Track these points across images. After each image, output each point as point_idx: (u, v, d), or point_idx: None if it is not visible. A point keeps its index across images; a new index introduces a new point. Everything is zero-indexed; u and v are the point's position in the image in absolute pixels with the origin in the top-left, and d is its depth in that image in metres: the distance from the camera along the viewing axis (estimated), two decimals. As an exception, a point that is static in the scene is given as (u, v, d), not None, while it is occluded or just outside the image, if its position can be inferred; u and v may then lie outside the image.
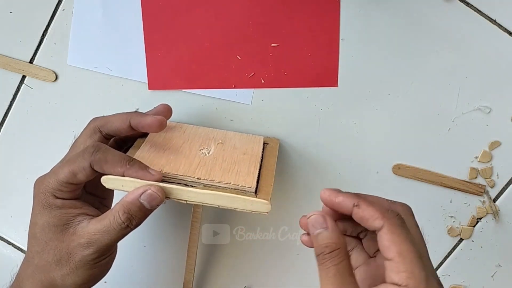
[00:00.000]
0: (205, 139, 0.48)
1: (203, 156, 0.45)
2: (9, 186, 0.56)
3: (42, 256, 0.41)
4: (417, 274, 0.32)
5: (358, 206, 0.35)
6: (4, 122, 0.55)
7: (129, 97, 0.53)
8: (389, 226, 0.34)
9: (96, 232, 0.40)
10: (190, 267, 0.53)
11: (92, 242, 0.40)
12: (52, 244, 0.40)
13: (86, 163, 0.40)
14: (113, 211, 0.40)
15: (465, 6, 0.49)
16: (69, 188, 0.41)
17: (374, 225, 0.34)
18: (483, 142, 0.52)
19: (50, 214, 0.41)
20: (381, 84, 0.51)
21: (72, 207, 0.41)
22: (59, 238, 0.40)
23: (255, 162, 0.45)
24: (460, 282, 0.57)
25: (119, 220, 0.40)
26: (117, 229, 0.40)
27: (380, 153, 0.53)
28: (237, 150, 0.47)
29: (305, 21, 0.49)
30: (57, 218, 0.41)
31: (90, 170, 0.40)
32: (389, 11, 0.49)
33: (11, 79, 0.53)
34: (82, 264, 0.40)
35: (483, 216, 0.54)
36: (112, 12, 0.50)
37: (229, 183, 0.42)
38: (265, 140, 0.51)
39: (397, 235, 0.33)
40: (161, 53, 0.51)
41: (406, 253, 0.32)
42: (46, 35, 0.51)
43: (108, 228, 0.40)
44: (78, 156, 0.41)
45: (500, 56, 0.50)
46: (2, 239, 0.58)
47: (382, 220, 0.34)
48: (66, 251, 0.40)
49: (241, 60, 0.51)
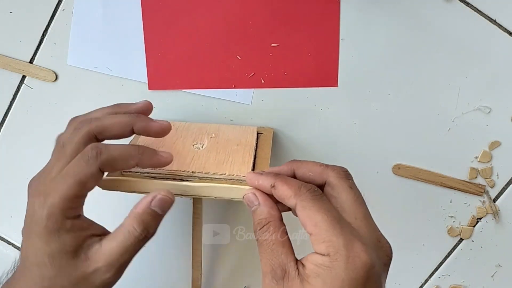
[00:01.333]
0: (198, 134, 0.48)
1: (197, 150, 0.45)
2: (9, 186, 0.56)
3: (55, 281, 0.36)
4: (335, 241, 0.32)
5: (274, 187, 0.37)
6: (4, 122, 0.55)
7: (129, 97, 0.53)
8: (301, 203, 0.35)
9: (113, 253, 0.36)
10: (196, 265, 0.52)
11: (111, 265, 0.36)
12: (65, 271, 0.36)
13: (94, 169, 0.36)
14: (126, 226, 0.37)
15: (465, 6, 0.49)
16: (79, 203, 0.37)
17: (290, 204, 0.36)
18: (483, 142, 0.52)
19: (59, 240, 0.36)
20: (381, 84, 0.51)
21: (80, 229, 0.37)
22: (71, 264, 0.36)
23: (249, 152, 0.45)
24: (460, 282, 0.57)
25: (136, 233, 0.37)
26: (135, 243, 0.37)
27: (380, 153, 0.53)
28: (231, 142, 0.47)
29: (305, 21, 0.49)
30: (67, 244, 0.36)
31: (99, 175, 0.37)
32: (389, 11, 0.49)
33: (11, 79, 0.53)
34: (103, 286, 0.37)
35: (483, 216, 0.54)
36: (112, 12, 0.50)
37: (224, 173, 0.42)
38: (258, 130, 0.51)
39: (309, 209, 0.34)
40: (161, 53, 0.51)
41: (320, 223, 0.33)
42: (46, 35, 0.51)
43: (125, 245, 0.37)
44: (79, 164, 0.36)
45: (500, 56, 0.50)
46: (2, 239, 0.58)
47: (294, 199, 0.35)
48: (83, 276, 0.36)
49: (241, 60, 0.51)
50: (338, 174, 0.38)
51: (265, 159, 0.46)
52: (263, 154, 0.46)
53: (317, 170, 0.38)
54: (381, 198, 0.54)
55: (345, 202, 0.36)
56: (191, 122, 0.51)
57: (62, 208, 0.35)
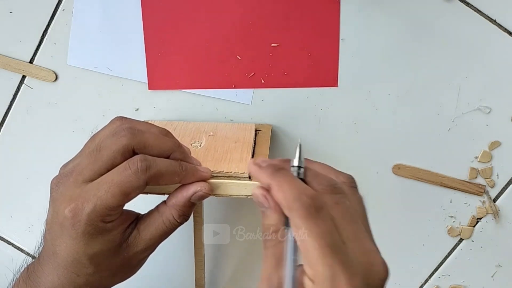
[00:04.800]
0: (196, 133, 0.48)
1: (195, 149, 0.45)
2: (9, 186, 0.56)
3: (94, 275, 0.38)
4: (320, 272, 0.30)
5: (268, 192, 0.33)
6: (4, 122, 0.55)
7: (129, 97, 0.53)
8: (293, 220, 0.31)
9: (152, 238, 0.39)
10: (199, 264, 0.52)
11: (148, 247, 0.39)
12: (105, 263, 0.38)
13: (141, 181, 0.36)
14: (166, 215, 0.39)
15: (465, 6, 0.49)
16: (120, 210, 0.37)
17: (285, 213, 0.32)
18: (483, 142, 0.52)
19: (102, 241, 0.37)
20: (381, 84, 0.51)
21: (120, 225, 0.38)
22: (113, 255, 0.38)
23: (247, 149, 0.45)
24: (460, 282, 0.57)
25: (175, 222, 0.39)
26: (172, 229, 0.40)
27: (380, 153, 0.53)
28: (229, 140, 0.47)
29: (305, 21, 0.49)
30: (111, 242, 0.37)
31: (144, 187, 0.37)
32: (389, 11, 0.49)
33: (11, 79, 0.53)
34: (139, 264, 0.41)
35: (483, 216, 0.54)
36: (112, 12, 0.50)
37: (222, 171, 0.41)
38: (257, 127, 0.51)
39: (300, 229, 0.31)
40: (161, 53, 0.51)
41: (311, 249, 0.30)
42: (46, 35, 0.51)
43: (163, 232, 0.39)
44: (126, 175, 0.36)
45: (500, 56, 0.50)
46: (2, 239, 0.58)
47: (287, 211, 0.32)
48: (122, 263, 0.39)
49: (241, 60, 0.51)
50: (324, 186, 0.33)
51: (264, 155, 0.46)
52: (261, 151, 0.46)
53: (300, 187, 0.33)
54: (381, 198, 0.54)
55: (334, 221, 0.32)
56: (190, 121, 0.52)
57: (103, 215, 0.36)
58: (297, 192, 0.31)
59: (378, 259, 0.32)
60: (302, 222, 0.30)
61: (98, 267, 0.38)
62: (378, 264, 0.31)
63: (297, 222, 0.31)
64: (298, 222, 0.31)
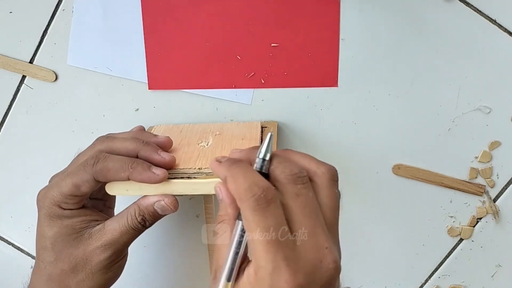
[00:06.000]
0: (203, 133, 0.48)
1: (202, 148, 0.45)
2: (9, 186, 0.56)
3: (56, 265, 0.41)
4: (262, 267, 0.30)
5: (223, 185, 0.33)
6: (4, 122, 0.55)
7: (129, 97, 0.53)
8: (243, 212, 0.31)
9: (114, 231, 0.41)
10: None
11: (110, 244, 0.41)
12: (66, 252, 0.41)
13: (88, 176, 0.40)
14: (130, 211, 0.41)
15: (465, 6, 0.49)
16: (74, 200, 0.41)
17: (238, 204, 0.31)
18: (483, 142, 0.52)
19: (61, 225, 0.41)
20: (381, 84, 0.51)
21: (82, 215, 0.42)
22: (73, 245, 0.41)
23: (255, 144, 0.45)
24: (460, 282, 0.57)
25: (135, 221, 0.41)
26: (134, 228, 0.41)
27: (380, 153, 0.53)
28: (236, 137, 0.47)
29: (305, 21, 0.49)
30: (70, 227, 0.41)
31: (94, 182, 0.40)
32: (389, 11, 0.49)
33: (11, 79, 0.53)
34: (99, 269, 0.41)
35: (483, 216, 0.54)
36: (112, 12, 0.50)
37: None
38: (262, 124, 0.51)
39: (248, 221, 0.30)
40: (161, 53, 0.51)
41: (256, 242, 0.30)
42: (46, 35, 0.51)
43: (126, 227, 0.41)
44: (79, 168, 0.40)
45: (500, 56, 0.50)
46: (2, 239, 0.58)
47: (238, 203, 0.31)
48: (82, 257, 0.41)
49: (241, 60, 0.51)
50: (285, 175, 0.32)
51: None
52: None
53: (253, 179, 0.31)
54: (381, 198, 0.54)
55: (291, 212, 0.31)
56: (194, 123, 0.52)
57: (58, 201, 0.40)
58: (249, 184, 0.31)
59: (330, 256, 0.31)
60: (250, 214, 0.30)
61: (59, 254, 0.41)
62: (328, 260, 0.31)
63: (246, 214, 0.30)
64: (247, 214, 0.30)
